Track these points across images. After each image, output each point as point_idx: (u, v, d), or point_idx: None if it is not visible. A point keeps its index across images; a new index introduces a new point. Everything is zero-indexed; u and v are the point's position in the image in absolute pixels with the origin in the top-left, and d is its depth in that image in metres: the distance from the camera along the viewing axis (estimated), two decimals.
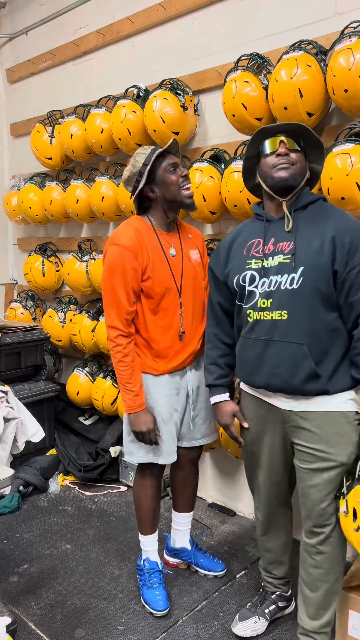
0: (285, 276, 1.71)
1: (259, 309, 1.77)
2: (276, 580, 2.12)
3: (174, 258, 2.10)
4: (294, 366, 1.72)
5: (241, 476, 2.92)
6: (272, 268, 1.75)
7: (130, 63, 3.19)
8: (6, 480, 1.77)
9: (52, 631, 2.10)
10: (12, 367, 3.36)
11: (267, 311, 1.75)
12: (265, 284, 1.76)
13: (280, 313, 1.72)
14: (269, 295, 1.75)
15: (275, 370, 1.75)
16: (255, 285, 1.79)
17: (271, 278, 1.74)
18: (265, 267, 1.76)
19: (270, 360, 1.76)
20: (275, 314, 1.73)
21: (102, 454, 3.31)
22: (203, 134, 2.86)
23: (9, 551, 2.62)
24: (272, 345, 1.75)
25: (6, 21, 4.06)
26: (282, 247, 1.74)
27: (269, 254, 1.77)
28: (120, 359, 2.04)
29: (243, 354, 1.86)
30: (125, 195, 2.93)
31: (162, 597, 2.19)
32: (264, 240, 1.79)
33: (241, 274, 1.82)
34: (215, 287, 1.97)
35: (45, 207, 3.53)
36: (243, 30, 2.60)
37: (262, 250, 1.79)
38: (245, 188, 1.97)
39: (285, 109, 2.20)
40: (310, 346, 1.70)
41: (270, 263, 1.76)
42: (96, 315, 3.38)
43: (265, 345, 1.76)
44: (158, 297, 2.05)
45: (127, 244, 1.99)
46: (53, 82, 3.74)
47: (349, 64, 2.00)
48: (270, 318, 1.74)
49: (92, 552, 2.61)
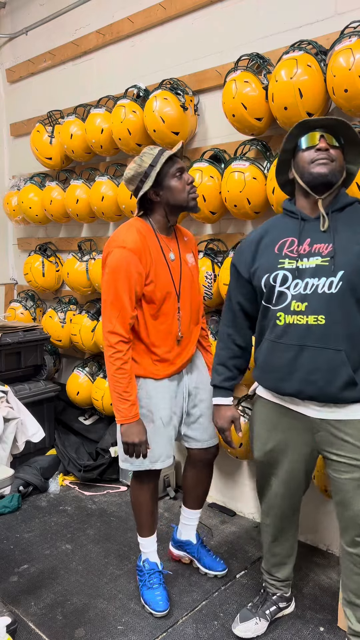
0: (323, 279, 1.64)
1: (292, 312, 1.69)
2: (278, 582, 2.11)
3: (173, 262, 2.09)
4: (330, 373, 1.65)
5: (241, 476, 2.92)
6: (308, 270, 1.67)
7: (130, 63, 3.19)
8: (6, 480, 1.77)
9: (52, 631, 2.10)
10: (12, 367, 3.36)
11: (300, 315, 1.67)
12: (299, 286, 1.68)
13: (316, 318, 1.65)
14: (303, 298, 1.67)
15: (310, 377, 1.68)
16: (287, 286, 1.70)
17: (307, 280, 1.66)
18: (299, 268, 1.69)
19: (303, 366, 1.68)
20: (311, 318, 1.66)
21: (102, 454, 3.31)
22: (203, 134, 2.86)
23: (9, 551, 2.62)
24: (306, 351, 1.67)
25: (6, 21, 4.06)
26: (320, 249, 1.67)
27: (304, 254, 1.69)
28: (120, 367, 1.95)
29: (270, 359, 1.77)
30: (125, 195, 2.93)
31: (162, 598, 2.19)
32: (299, 240, 1.72)
33: (272, 274, 1.73)
34: (237, 284, 1.89)
35: (45, 207, 3.53)
36: (243, 30, 2.60)
37: (297, 250, 1.71)
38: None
39: (285, 109, 2.20)
40: (348, 352, 1.64)
41: (305, 264, 1.68)
42: (96, 315, 3.38)
43: (298, 350, 1.68)
44: (159, 302, 2.03)
45: (133, 247, 1.94)
46: (53, 82, 3.74)
47: (349, 64, 2.00)
48: (305, 322, 1.67)
49: (92, 552, 2.61)
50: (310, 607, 2.21)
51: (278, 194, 2.28)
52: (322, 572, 2.44)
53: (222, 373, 1.97)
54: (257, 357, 1.85)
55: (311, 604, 2.23)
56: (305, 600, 2.26)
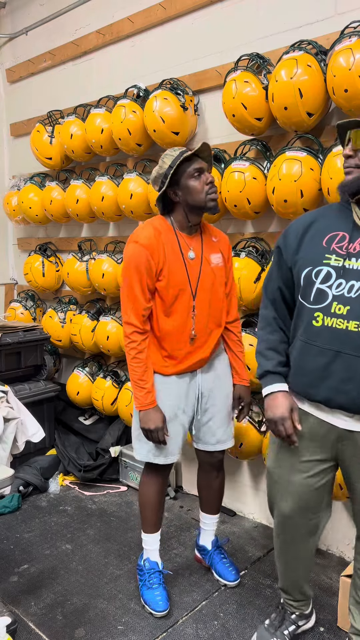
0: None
1: (332, 315, 1.58)
2: (296, 602, 1.97)
3: (192, 261, 2.09)
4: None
5: (241, 476, 2.92)
6: (355, 271, 1.56)
7: (130, 63, 3.19)
8: (6, 480, 1.77)
9: (52, 631, 2.10)
10: (12, 367, 3.36)
11: (341, 319, 1.56)
12: (342, 286, 1.57)
13: (357, 324, 1.53)
14: (347, 301, 1.56)
15: (343, 386, 1.57)
16: (328, 284, 1.59)
17: (352, 283, 1.55)
18: (346, 267, 1.57)
19: (336, 373, 1.58)
20: (352, 324, 1.54)
21: (102, 454, 3.31)
22: (203, 134, 2.86)
23: (9, 551, 2.62)
24: (342, 358, 1.56)
25: (6, 21, 4.06)
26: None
27: (353, 253, 1.57)
28: (135, 356, 2.03)
29: (301, 361, 1.66)
30: (125, 195, 2.93)
31: (161, 598, 2.19)
32: (350, 236, 1.59)
33: (315, 268, 1.62)
34: (279, 269, 1.75)
35: (45, 207, 3.53)
36: (243, 30, 2.60)
37: (347, 248, 1.58)
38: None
39: (285, 109, 2.20)
40: None
41: (353, 264, 1.56)
42: (96, 315, 3.38)
43: (334, 356, 1.58)
44: (171, 298, 2.05)
45: (145, 242, 2.01)
46: (53, 82, 3.74)
47: (349, 64, 2.00)
48: (345, 327, 1.55)
49: (92, 552, 2.61)
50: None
51: (278, 194, 2.28)
52: (322, 572, 2.44)
53: (273, 358, 1.77)
54: (290, 356, 1.73)
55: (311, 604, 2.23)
56: None
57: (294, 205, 2.26)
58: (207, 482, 2.36)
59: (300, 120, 2.21)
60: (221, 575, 2.36)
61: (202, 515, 2.42)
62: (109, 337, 3.18)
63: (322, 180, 2.20)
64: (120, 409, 3.16)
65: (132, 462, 3.22)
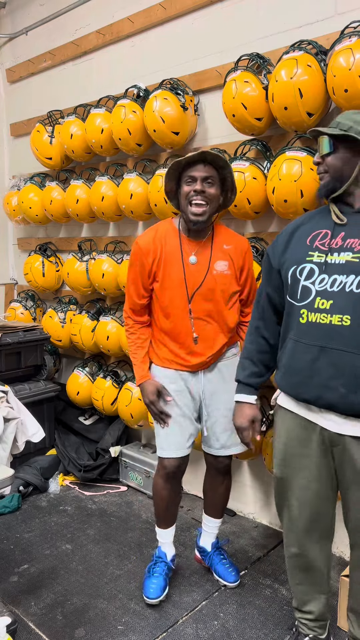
0: (352, 277, 1.52)
1: (316, 310, 1.58)
2: (311, 621, 1.87)
3: (193, 265, 2.08)
4: (354, 380, 1.51)
5: (241, 476, 2.92)
6: (337, 266, 1.56)
7: (130, 63, 3.18)
8: (6, 480, 1.77)
9: (52, 631, 2.10)
10: (12, 367, 3.36)
11: (325, 313, 1.56)
12: (325, 281, 1.57)
13: (341, 318, 1.52)
14: (329, 295, 1.56)
15: (330, 382, 1.55)
16: (312, 280, 1.60)
17: (334, 277, 1.55)
18: (328, 262, 1.58)
19: (323, 370, 1.56)
20: (335, 318, 1.53)
21: (102, 454, 3.31)
22: (203, 134, 2.86)
23: (9, 551, 2.62)
24: (327, 353, 1.55)
25: (6, 21, 4.06)
26: (352, 244, 1.56)
27: (335, 248, 1.58)
28: (127, 336, 2.25)
29: (290, 360, 1.65)
30: (125, 195, 2.93)
31: (156, 586, 2.23)
32: (332, 233, 1.61)
33: (299, 266, 1.63)
34: (267, 274, 1.78)
35: (45, 207, 3.53)
36: (243, 30, 2.60)
37: (329, 244, 1.60)
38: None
39: (285, 109, 2.20)
40: None
41: (334, 259, 1.57)
42: (96, 315, 3.38)
43: (319, 352, 1.57)
44: (166, 300, 2.10)
45: (142, 244, 2.12)
46: (53, 82, 3.74)
47: (349, 64, 2.00)
48: (328, 322, 1.55)
49: (92, 552, 2.61)
50: None
51: (278, 194, 2.28)
52: None
53: (247, 368, 1.85)
54: (280, 358, 1.73)
55: None
56: None
57: (294, 205, 2.26)
58: (212, 486, 2.36)
59: (300, 120, 2.21)
60: (221, 576, 2.36)
61: (205, 517, 2.42)
62: (109, 337, 3.18)
63: None
64: (120, 409, 3.16)
65: (132, 462, 3.22)
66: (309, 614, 1.87)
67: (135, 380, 2.98)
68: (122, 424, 3.37)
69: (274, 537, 2.72)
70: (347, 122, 1.56)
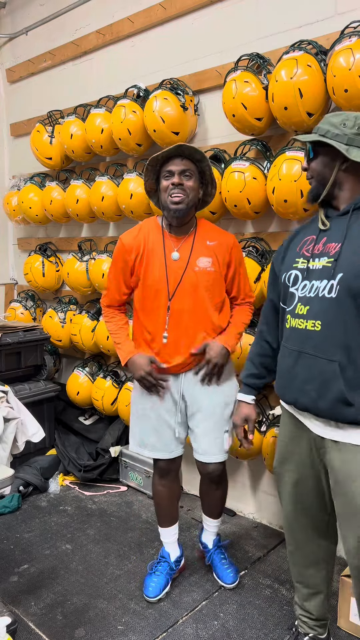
0: (324, 282, 1.54)
1: (296, 315, 1.61)
2: (311, 620, 1.88)
3: (176, 262, 2.08)
4: (322, 385, 1.53)
5: (241, 476, 2.92)
6: (316, 271, 1.58)
7: (130, 63, 3.18)
8: (6, 480, 1.77)
9: (52, 631, 2.10)
10: (12, 367, 3.36)
11: (302, 319, 1.59)
12: (306, 287, 1.60)
13: (314, 323, 1.55)
14: (307, 301, 1.58)
15: (304, 386, 1.58)
16: (296, 287, 1.63)
17: (313, 282, 1.57)
18: (309, 268, 1.60)
19: (299, 374, 1.59)
20: (309, 323, 1.56)
21: (102, 454, 3.31)
22: (203, 134, 2.86)
23: (9, 551, 2.62)
24: (303, 358, 1.58)
25: (6, 21, 4.06)
26: (329, 249, 1.56)
27: (316, 254, 1.60)
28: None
29: (279, 363, 1.72)
30: (125, 195, 2.93)
31: (155, 585, 2.25)
32: (316, 238, 1.62)
33: (288, 273, 1.67)
34: (272, 282, 1.83)
35: (45, 207, 3.53)
36: (243, 30, 2.60)
37: (311, 250, 1.62)
38: None
39: (285, 109, 2.20)
40: (343, 365, 1.49)
41: (315, 265, 1.59)
42: (96, 315, 3.38)
43: (297, 356, 1.60)
44: (147, 296, 2.11)
45: (125, 241, 2.13)
46: (53, 82, 3.74)
47: (349, 64, 2.00)
48: (304, 327, 1.58)
49: (92, 552, 2.61)
50: None
51: (278, 194, 2.28)
52: None
53: (247, 368, 1.92)
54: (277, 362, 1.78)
55: None
56: None
57: (294, 205, 2.26)
58: (207, 492, 2.34)
59: (300, 120, 2.21)
60: (219, 577, 2.36)
61: (204, 517, 2.42)
62: (109, 337, 3.18)
63: None
64: (120, 409, 3.16)
65: (132, 462, 3.22)
66: (309, 613, 1.88)
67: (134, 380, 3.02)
68: (122, 424, 3.37)
69: (274, 537, 2.72)
70: (325, 126, 1.58)
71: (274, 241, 2.56)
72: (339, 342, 1.50)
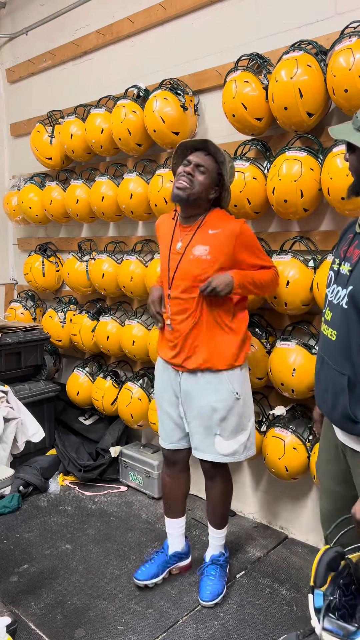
0: (344, 290, 1.45)
1: (324, 321, 1.55)
2: None
3: (177, 251, 2.14)
4: (335, 397, 1.48)
5: (242, 476, 2.92)
6: (343, 276, 1.47)
7: (130, 63, 3.18)
8: (6, 480, 1.77)
9: (52, 631, 2.10)
10: (12, 367, 3.36)
11: (327, 325, 1.53)
12: (334, 292, 1.51)
13: (332, 332, 1.49)
14: (332, 307, 1.51)
15: (324, 394, 1.55)
16: (330, 289, 1.54)
17: (339, 288, 1.48)
18: (340, 271, 1.50)
19: (321, 381, 1.56)
20: (329, 331, 1.50)
21: (102, 454, 3.31)
22: (203, 134, 2.86)
23: (9, 551, 2.62)
24: (324, 366, 1.53)
25: (6, 21, 4.06)
26: (354, 255, 1.45)
27: (348, 257, 1.48)
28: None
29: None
30: (125, 195, 2.93)
31: (145, 570, 2.32)
32: (352, 239, 1.50)
33: (329, 271, 1.59)
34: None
35: (45, 207, 3.53)
36: (243, 30, 2.60)
37: (345, 251, 1.51)
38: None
39: (285, 109, 2.20)
40: (352, 380, 1.42)
41: (343, 269, 1.49)
42: (96, 315, 3.38)
43: (321, 362, 1.56)
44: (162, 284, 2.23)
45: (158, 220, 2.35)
46: (53, 82, 3.74)
47: (349, 64, 2.00)
48: (327, 334, 1.52)
49: (92, 552, 2.61)
50: None
51: (278, 194, 2.28)
52: None
53: None
54: None
55: None
56: (305, 600, 2.26)
57: (294, 205, 2.26)
58: (205, 487, 2.34)
59: (300, 120, 2.21)
60: (199, 590, 2.26)
61: (208, 525, 2.37)
62: (109, 337, 3.18)
63: (322, 180, 2.20)
64: (120, 409, 3.16)
65: (132, 462, 3.22)
66: None
67: (134, 379, 3.08)
68: (122, 424, 3.37)
69: (274, 537, 2.72)
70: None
71: (274, 241, 2.56)
72: (348, 356, 1.44)
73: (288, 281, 2.31)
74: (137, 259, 2.97)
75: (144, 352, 2.99)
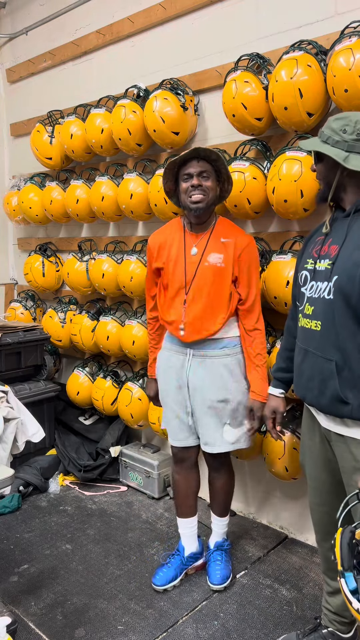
0: (325, 283, 1.60)
1: (305, 315, 1.69)
2: (331, 613, 1.90)
3: (194, 257, 2.17)
4: (322, 383, 1.61)
5: (242, 476, 2.92)
6: (320, 272, 1.64)
7: (130, 63, 3.18)
8: (6, 480, 1.77)
9: (52, 631, 2.10)
10: (12, 367, 3.36)
11: (308, 318, 1.67)
12: (313, 288, 1.66)
13: (316, 323, 1.63)
14: (312, 302, 1.65)
15: (309, 383, 1.66)
16: (306, 287, 1.70)
17: (318, 284, 1.64)
18: (316, 269, 1.66)
19: (305, 371, 1.68)
20: (313, 323, 1.64)
21: (102, 454, 3.31)
22: (203, 134, 2.86)
23: (9, 551, 2.62)
24: (308, 357, 1.66)
25: (6, 21, 4.06)
26: (331, 251, 1.61)
27: (323, 255, 1.65)
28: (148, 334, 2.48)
29: (294, 361, 1.79)
30: (125, 195, 2.93)
31: (163, 575, 2.31)
32: (324, 239, 1.68)
33: (300, 272, 1.74)
34: (295, 279, 1.87)
35: (45, 207, 3.53)
36: (243, 30, 2.60)
37: (319, 250, 1.67)
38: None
39: (286, 109, 2.20)
40: (340, 365, 1.56)
41: (320, 266, 1.65)
42: (96, 315, 3.38)
43: (304, 354, 1.68)
44: (172, 292, 2.21)
45: (151, 240, 2.30)
46: (53, 82, 3.74)
47: (349, 64, 2.00)
48: (310, 327, 1.65)
49: (92, 552, 2.61)
50: (310, 607, 2.21)
51: (278, 194, 2.28)
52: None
53: (277, 362, 1.99)
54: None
55: (311, 603, 2.23)
56: (305, 600, 2.26)
57: (294, 205, 2.26)
58: (210, 480, 2.39)
59: (300, 120, 2.21)
60: (208, 576, 2.36)
61: (211, 514, 2.44)
62: (109, 337, 3.18)
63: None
64: (120, 409, 3.16)
65: (132, 462, 3.22)
66: (329, 605, 1.90)
67: (134, 379, 3.18)
68: (122, 424, 3.37)
69: (274, 537, 2.72)
70: (327, 132, 1.60)
71: (274, 241, 2.56)
72: (335, 343, 1.58)
73: (288, 281, 2.31)
74: (137, 259, 2.97)
75: (144, 352, 2.99)
